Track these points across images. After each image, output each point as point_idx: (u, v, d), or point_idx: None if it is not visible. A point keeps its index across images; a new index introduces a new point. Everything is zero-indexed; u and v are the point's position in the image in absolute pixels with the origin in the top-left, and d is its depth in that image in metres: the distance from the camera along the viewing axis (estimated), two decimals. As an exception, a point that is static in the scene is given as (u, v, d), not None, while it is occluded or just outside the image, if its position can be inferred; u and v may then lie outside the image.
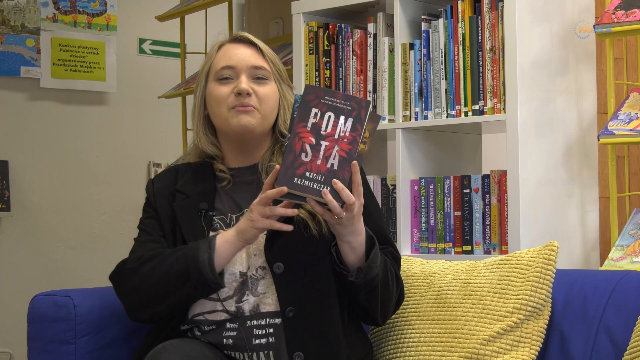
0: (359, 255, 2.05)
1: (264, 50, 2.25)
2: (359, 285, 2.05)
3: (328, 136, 1.96)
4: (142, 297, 2.11)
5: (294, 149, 1.95)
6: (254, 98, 2.18)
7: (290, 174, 1.94)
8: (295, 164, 1.94)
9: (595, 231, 3.09)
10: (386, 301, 2.14)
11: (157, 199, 2.22)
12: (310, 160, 1.94)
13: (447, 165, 3.18)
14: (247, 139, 2.21)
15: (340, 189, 1.93)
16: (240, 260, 2.11)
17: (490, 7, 2.90)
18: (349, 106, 1.97)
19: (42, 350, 2.25)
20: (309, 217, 2.10)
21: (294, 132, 1.96)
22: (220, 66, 2.21)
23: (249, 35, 2.26)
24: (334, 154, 1.95)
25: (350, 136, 1.96)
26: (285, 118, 2.23)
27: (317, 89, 1.99)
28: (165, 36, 5.58)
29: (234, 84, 2.19)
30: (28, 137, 5.16)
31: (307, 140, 1.95)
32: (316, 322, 2.07)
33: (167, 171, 2.30)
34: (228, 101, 2.18)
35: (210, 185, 2.21)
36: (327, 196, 1.93)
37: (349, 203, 1.94)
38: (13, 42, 5.06)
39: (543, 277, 2.13)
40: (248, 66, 2.21)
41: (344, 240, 2.03)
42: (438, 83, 3.01)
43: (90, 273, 5.23)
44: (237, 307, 2.08)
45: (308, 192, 1.93)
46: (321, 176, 1.94)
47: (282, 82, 2.25)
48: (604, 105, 3.08)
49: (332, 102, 1.97)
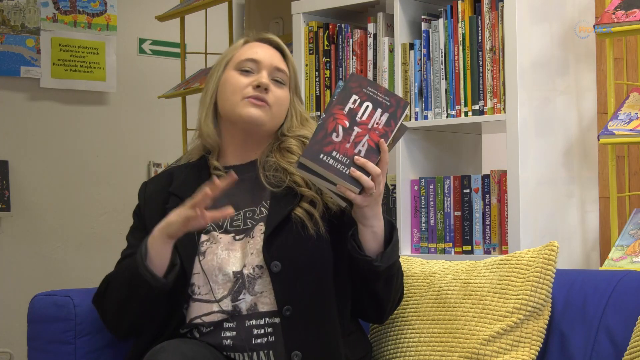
0: (379, 240, 2.06)
1: (288, 56, 2.27)
2: (381, 271, 2.05)
3: (362, 124, 1.98)
4: (113, 315, 2.16)
5: (326, 127, 1.96)
6: (271, 96, 2.19)
7: (317, 149, 1.95)
8: (325, 141, 1.95)
9: (595, 231, 3.09)
10: (398, 290, 2.16)
11: (147, 204, 2.24)
12: (340, 142, 1.96)
13: (447, 165, 3.18)
14: (251, 133, 2.21)
15: (364, 162, 1.95)
16: (234, 260, 2.11)
17: (490, 7, 2.90)
18: (388, 101, 2.00)
19: (42, 350, 2.25)
20: (306, 216, 2.11)
21: (329, 112, 1.98)
22: (245, 58, 2.22)
23: (277, 38, 2.29)
24: (364, 141, 1.97)
25: (382, 129, 1.98)
26: (291, 125, 2.24)
27: (362, 79, 2.02)
28: (165, 36, 5.58)
29: (254, 77, 2.19)
30: (28, 137, 5.16)
31: (341, 122, 1.97)
32: (314, 321, 2.07)
33: (162, 174, 2.31)
34: (244, 91, 2.18)
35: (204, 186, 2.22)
36: (355, 173, 1.94)
37: (375, 175, 1.96)
38: (13, 42, 5.06)
39: (543, 277, 2.13)
40: (272, 65, 2.22)
41: (367, 224, 2.03)
42: (438, 83, 3.01)
43: (90, 273, 5.21)
44: (233, 306, 2.08)
45: (330, 170, 1.95)
46: (347, 159, 1.96)
47: (296, 92, 2.27)
48: (604, 105, 3.08)
49: (373, 93, 2.00)
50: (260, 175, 2.18)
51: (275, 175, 2.17)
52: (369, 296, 2.13)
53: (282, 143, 2.22)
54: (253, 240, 2.11)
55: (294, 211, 2.11)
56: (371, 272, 2.06)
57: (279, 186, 2.15)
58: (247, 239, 2.13)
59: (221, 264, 2.11)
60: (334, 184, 1.97)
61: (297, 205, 2.12)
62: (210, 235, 2.15)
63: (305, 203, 2.13)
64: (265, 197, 2.17)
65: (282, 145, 2.21)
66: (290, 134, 2.23)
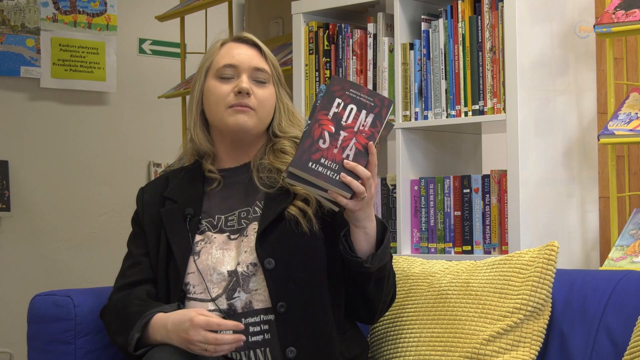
0: (371, 242, 2.06)
1: (266, 52, 2.26)
2: (372, 272, 2.05)
3: (348, 127, 1.97)
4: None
5: (313, 135, 1.96)
6: (253, 99, 2.19)
7: (306, 158, 1.95)
8: (312, 149, 1.95)
9: (595, 231, 3.09)
10: (390, 292, 2.16)
11: (145, 210, 2.25)
12: (327, 148, 1.96)
13: (447, 165, 3.18)
14: (241, 138, 2.23)
15: (354, 166, 1.95)
16: (228, 259, 2.13)
17: (490, 7, 2.90)
18: (372, 102, 1.99)
19: (42, 350, 2.25)
20: (299, 214, 2.12)
21: (314, 118, 1.97)
22: (222, 64, 2.22)
23: (252, 36, 2.28)
24: (351, 145, 1.97)
25: (369, 131, 1.98)
26: (281, 121, 2.25)
27: (344, 81, 2.01)
28: (165, 36, 5.58)
29: (234, 83, 2.20)
30: (28, 137, 5.16)
31: (326, 128, 1.97)
32: (308, 317, 2.08)
33: (158, 179, 2.34)
34: (227, 99, 2.19)
35: (199, 189, 2.23)
36: (345, 178, 1.94)
37: (365, 178, 1.95)
38: (13, 42, 5.06)
39: (543, 277, 2.13)
40: (250, 67, 2.21)
41: (359, 226, 2.03)
42: (438, 83, 3.01)
43: (90, 273, 5.23)
44: (228, 305, 2.09)
45: (320, 177, 1.94)
46: (336, 165, 1.95)
47: (280, 85, 2.27)
48: (604, 105, 3.08)
49: (356, 95, 1.99)
50: (255, 177, 2.19)
51: (269, 177, 2.18)
52: (360, 297, 2.14)
53: (275, 144, 2.23)
54: (247, 239, 2.13)
55: (287, 209, 2.12)
56: (362, 274, 2.06)
57: (272, 187, 2.17)
58: (241, 238, 2.14)
59: (216, 263, 2.12)
60: (325, 191, 1.96)
61: (290, 203, 2.13)
62: (205, 235, 2.17)
63: (299, 201, 2.14)
64: (260, 198, 2.19)
65: (275, 146, 2.22)
66: (281, 133, 2.24)
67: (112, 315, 2.16)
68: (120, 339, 2.10)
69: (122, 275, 2.22)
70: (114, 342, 2.14)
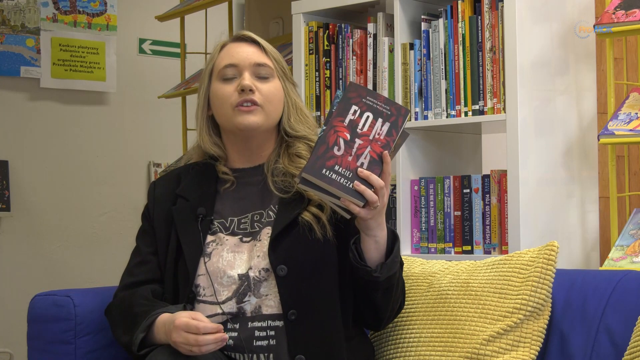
0: (381, 250, 2.05)
1: (267, 47, 2.24)
2: (381, 282, 2.05)
3: (363, 135, 1.96)
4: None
5: (328, 141, 1.95)
6: (258, 95, 2.17)
7: (320, 165, 1.93)
8: (327, 155, 1.94)
9: (595, 231, 3.09)
10: (397, 300, 2.15)
11: (156, 205, 2.24)
12: (341, 155, 1.95)
13: (447, 165, 3.18)
14: (251, 138, 2.21)
15: (368, 175, 1.94)
16: (239, 262, 2.11)
17: (490, 7, 2.90)
18: (388, 110, 1.98)
19: (42, 350, 2.25)
20: (313, 220, 2.10)
21: (330, 124, 1.96)
22: (223, 65, 2.21)
23: (251, 33, 2.26)
24: (366, 153, 1.96)
25: (384, 140, 1.97)
26: (290, 116, 2.23)
27: (360, 88, 2.00)
28: (165, 36, 5.58)
29: (237, 82, 2.18)
30: (28, 137, 5.16)
31: (342, 135, 1.96)
32: (318, 325, 2.07)
33: (170, 174, 2.31)
34: (232, 99, 2.17)
35: (211, 188, 2.21)
36: (359, 186, 1.93)
37: (379, 187, 1.95)
38: (13, 42, 5.06)
39: (543, 277, 2.13)
40: (251, 64, 2.20)
41: (370, 234, 2.03)
42: (438, 83, 3.01)
43: (90, 273, 5.23)
44: (238, 308, 2.08)
45: (334, 184, 1.93)
46: (350, 172, 1.94)
47: (286, 79, 2.25)
48: (604, 105, 3.08)
49: (372, 103, 1.98)
50: (269, 181, 2.18)
51: (284, 181, 2.16)
52: (368, 304, 2.13)
53: (289, 147, 2.21)
54: (260, 244, 2.11)
55: (301, 215, 2.11)
56: (370, 282, 2.06)
57: (287, 191, 2.15)
58: (254, 242, 2.13)
59: (226, 266, 2.11)
60: (337, 198, 1.95)
61: (304, 209, 2.12)
62: (217, 236, 2.15)
63: (313, 207, 2.12)
64: (274, 201, 2.17)
65: (290, 150, 2.21)
66: (292, 131, 2.22)
67: (118, 313, 2.15)
68: (124, 338, 2.09)
69: (129, 273, 2.21)
70: (118, 341, 2.14)
